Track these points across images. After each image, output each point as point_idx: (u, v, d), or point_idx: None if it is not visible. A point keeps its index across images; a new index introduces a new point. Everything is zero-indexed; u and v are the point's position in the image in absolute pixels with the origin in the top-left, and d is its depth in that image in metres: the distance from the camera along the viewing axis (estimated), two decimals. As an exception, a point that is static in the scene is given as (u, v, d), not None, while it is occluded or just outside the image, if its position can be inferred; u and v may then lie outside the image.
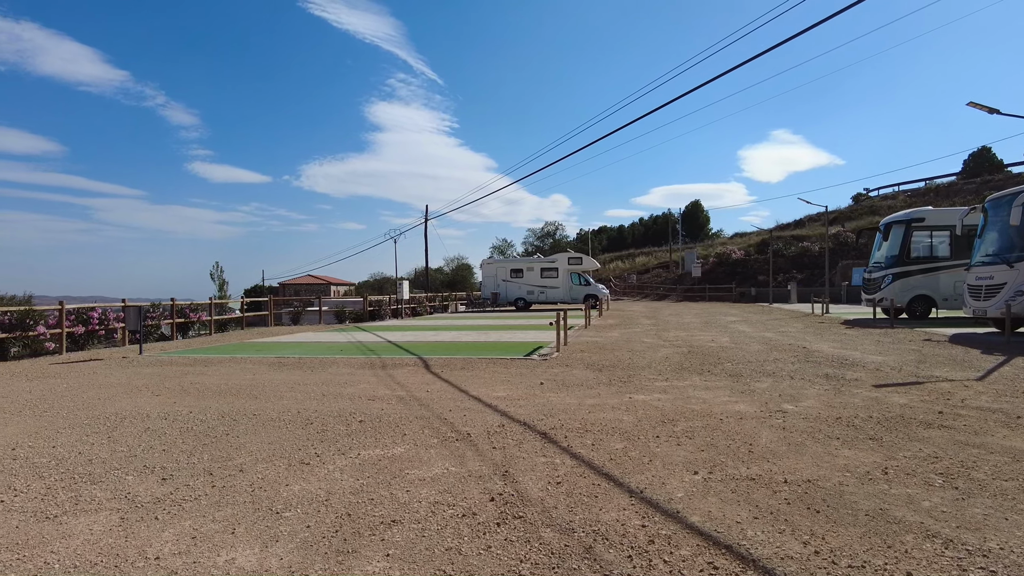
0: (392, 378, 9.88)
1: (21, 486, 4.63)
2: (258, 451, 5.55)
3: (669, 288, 56.43)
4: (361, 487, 4.49)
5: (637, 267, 69.23)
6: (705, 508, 3.92)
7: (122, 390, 9.11)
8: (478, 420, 6.62)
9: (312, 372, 10.80)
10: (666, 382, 8.97)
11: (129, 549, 3.45)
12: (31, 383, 10.14)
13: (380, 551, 3.38)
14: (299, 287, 70.27)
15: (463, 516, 3.87)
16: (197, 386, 9.38)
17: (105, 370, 11.73)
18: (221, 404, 7.83)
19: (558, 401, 7.65)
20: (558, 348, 13.32)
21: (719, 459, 5.02)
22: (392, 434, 6.09)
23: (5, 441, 6.05)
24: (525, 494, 4.25)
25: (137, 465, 5.12)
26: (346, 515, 3.92)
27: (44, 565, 3.28)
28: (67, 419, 7.04)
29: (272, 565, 3.22)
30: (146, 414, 7.24)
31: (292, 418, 6.93)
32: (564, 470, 4.80)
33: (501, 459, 5.12)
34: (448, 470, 4.85)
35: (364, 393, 8.49)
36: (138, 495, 4.38)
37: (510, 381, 9.31)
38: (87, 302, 19.65)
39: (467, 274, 73.59)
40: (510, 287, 38.32)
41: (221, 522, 3.84)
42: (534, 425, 6.33)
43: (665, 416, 6.67)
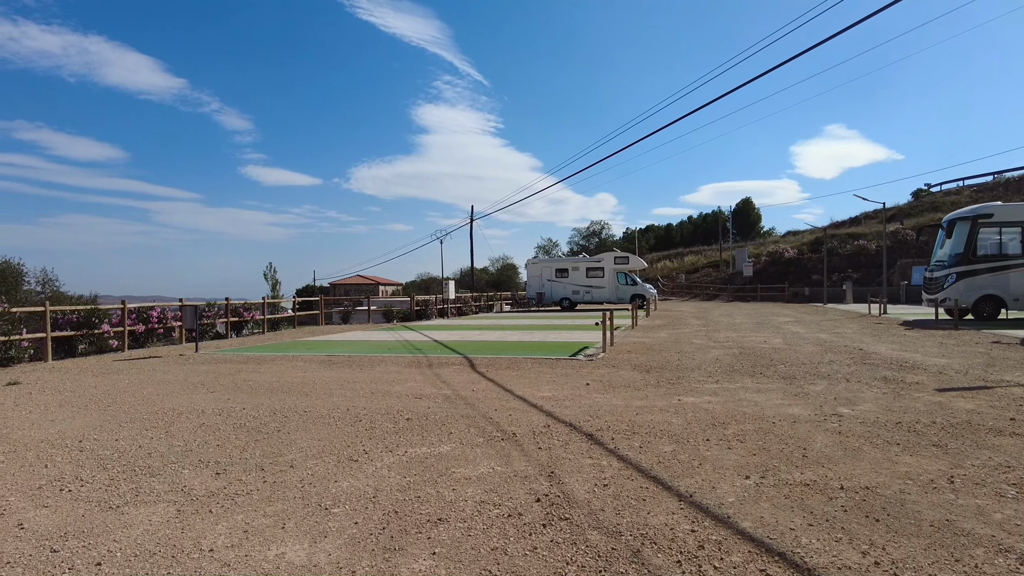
0: (438, 377, 9.96)
1: (87, 476, 4.84)
2: (308, 447, 5.66)
3: (719, 288, 55.34)
4: (408, 485, 4.53)
5: (686, 266, 68.10)
6: (757, 514, 3.81)
7: (179, 387, 9.45)
8: (523, 420, 6.60)
9: (361, 370, 10.98)
10: (716, 384, 8.78)
11: (185, 540, 3.55)
12: (96, 379, 10.60)
13: (426, 549, 3.40)
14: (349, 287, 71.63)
15: (509, 516, 3.86)
16: (250, 383, 9.65)
17: (163, 367, 12.18)
18: (273, 401, 8.03)
19: (604, 402, 7.57)
20: (604, 349, 13.19)
21: (771, 463, 4.88)
22: (438, 432, 6.13)
23: (74, 433, 6.33)
24: (571, 495, 4.21)
25: (193, 459, 5.29)
26: (393, 512, 3.96)
27: (107, 553, 3.40)
28: (128, 414, 7.34)
29: (320, 561, 3.27)
30: (201, 410, 7.48)
31: (341, 415, 7.05)
32: (611, 472, 4.74)
33: (547, 460, 5.09)
34: (494, 469, 4.85)
35: (411, 391, 8.58)
36: (193, 488, 4.52)
37: (555, 381, 9.26)
38: (147, 302, 20.46)
39: (512, 274, 73.69)
40: (555, 287, 38.15)
41: (272, 517, 3.92)
42: (580, 426, 6.28)
43: (715, 419, 6.53)
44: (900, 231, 46.65)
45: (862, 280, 43.99)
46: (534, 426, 6.30)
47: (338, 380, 9.78)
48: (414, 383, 9.35)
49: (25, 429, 6.58)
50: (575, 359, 11.98)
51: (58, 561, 3.32)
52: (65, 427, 6.64)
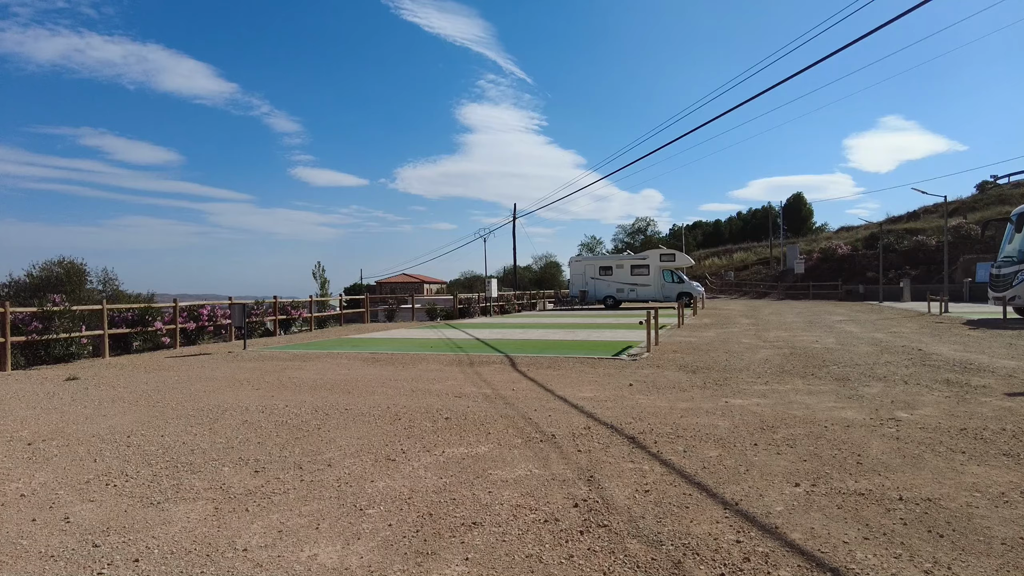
0: (479, 375, 9.91)
1: (132, 472, 4.93)
2: (347, 446, 5.67)
3: (769, 286, 53.95)
4: (444, 486, 4.46)
5: (734, 264, 66.63)
6: (807, 524, 3.60)
7: (225, 383, 9.64)
8: (563, 421, 6.48)
9: (403, 368, 11.02)
10: (765, 386, 8.47)
11: (220, 539, 3.56)
12: (148, 375, 10.92)
13: (459, 554, 3.32)
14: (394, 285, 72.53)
15: (545, 522, 3.75)
16: (295, 380, 9.78)
17: (212, 364, 12.48)
18: (315, 398, 8.10)
19: (648, 404, 7.38)
20: (649, 348, 12.93)
21: (824, 470, 4.63)
22: (477, 432, 6.06)
23: (123, 428, 6.50)
24: (611, 501, 4.07)
25: (233, 457, 5.35)
26: (428, 515, 3.89)
27: (145, 549, 3.43)
28: (175, 410, 7.50)
29: (352, 564, 3.22)
30: (246, 407, 7.60)
31: (381, 413, 7.06)
32: (653, 477, 4.58)
33: (586, 463, 4.96)
34: (531, 472, 4.75)
35: (451, 390, 8.55)
36: (232, 486, 4.55)
37: (597, 382, 9.10)
38: (201, 300, 21.09)
39: (555, 272, 73.46)
40: (599, 285, 37.74)
41: (307, 517, 3.91)
42: (622, 428, 6.12)
43: (764, 422, 6.27)
44: (963, 225, 44.56)
45: (921, 277, 42.18)
46: (574, 428, 6.17)
47: (380, 378, 9.83)
48: (454, 381, 9.32)
49: (79, 424, 6.79)
50: (618, 359, 11.77)
51: (98, 556, 3.36)
52: (116, 422, 6.83)
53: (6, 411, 7.60)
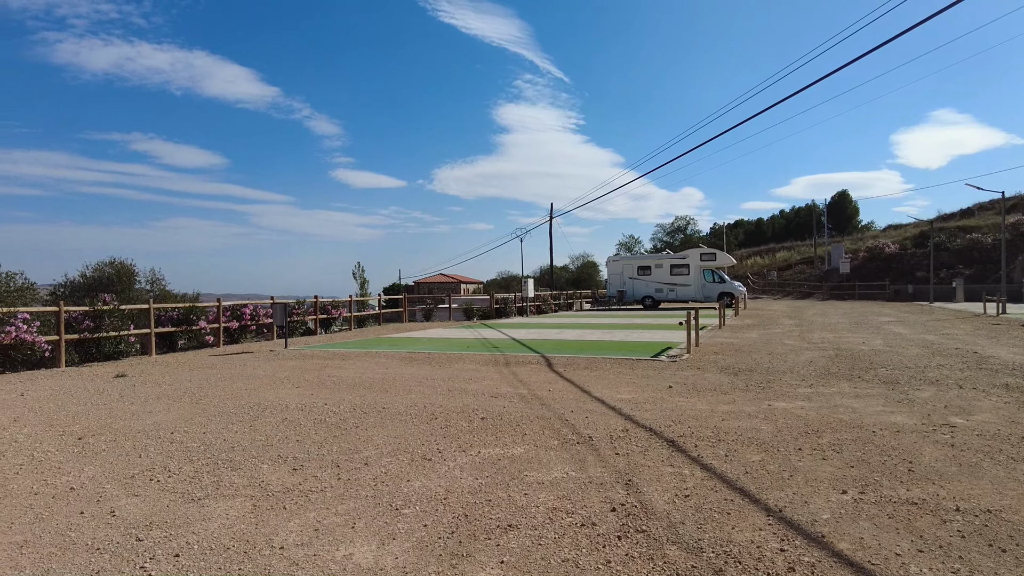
0: (515, 376, 9.86)
1: (175, 468, 5.03)
2: (384, 444, 5.68)
3: (813, 286, 52.62)
4: (479, 487, 4.43)
5: (777, 263, 65.17)
6: (856, 534, 3.45)
7: (266, 381, 9.81)
8: (600, 423, 6.39)
9: (440, 367, 11.05)
10: (810, 388, 8.22)
11: (258, 536, 3.59)
12: (192, 372, 11.19)
13: (495, 557, 3.27)
14: (432, 285, 73.05)
15: (582, 526, 3.68)
16: (334, 379, 9.89)
17: (254, 362, 12.73)
18: (354, 397, 8.17)
19: (688, 406, 7.23)
20: (689, 349, 12.70)
21: (872, 477, 4.45)
22: (512, 433, 6.01)
23: (167, 425, 6.65)
24: (649, 506, 3.98)
25: (272, 454, 5.41)
26: (463, 516, 3.87)
27: (185, 545, 3.49)
28: (217, 407, 7.65)
29: (387, 564, 3.21)
30: (285, 405, 7.70)
31: (418, 412, 7.07)
32: (693, 482, 4.47)
33: (624, 466, 4.87)
34: (568, 475, 4.68)
35: (487, 390, 8.52)
36: (270, 484, 4.59)
37: (636, 383, 8.97)
38: (244, 299, 21.56)
39: (592, 272, 72.87)
40: (637, 285, 37.30)
41: (343, 515, 3.92)
42: (661, 431, 6.00)
43: (809, 426, 6.08)
44: (1022, 223, 42.69)
45: (975, 277, 40.57)
46: (612, 430, 6.07)
47: (417, 377, 9.87)
48: (491, 381, 9.30)
49: (126, 420, 6.98)
50: (657, 360, 11.59)
51: (141, 550, 3.42)
52: (160, 419, 7.00)
53: (59, 406, 7.87)
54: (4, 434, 6.34)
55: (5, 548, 3.50)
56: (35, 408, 7.77)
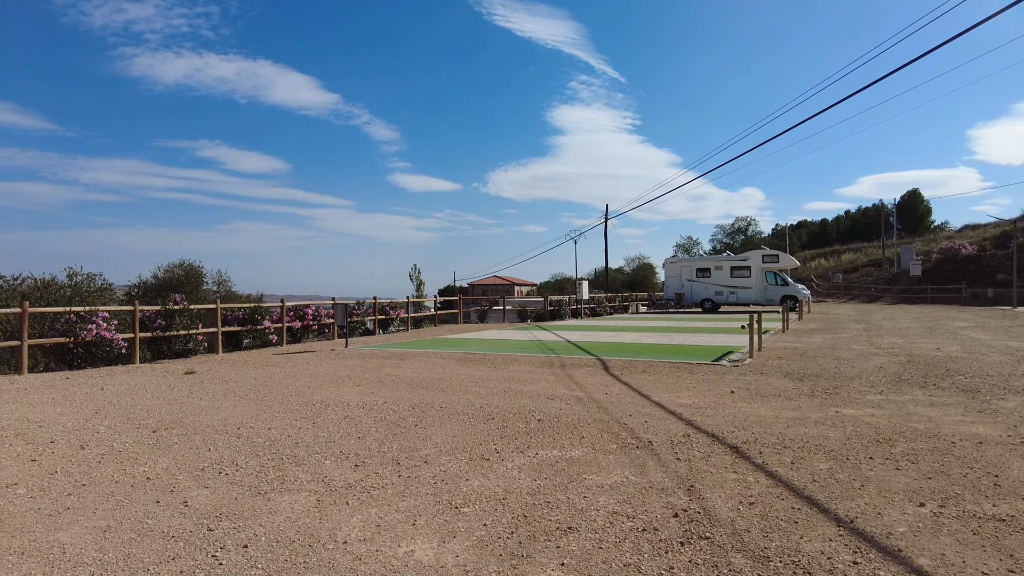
0: (571, 378, 9.80)
1: (242, 462, 5.20)
2: (442, 443, 5.73)
3: (882, 289, 50.46)
4: (538, 488, 4.41)
5: (843, 265, 62.84)
6: (936, 549, 3.27)
7: (328, 380, 10.04)
8: (660, 428, 6.27)
9: (495, 368, 11.08)
10: (880, 395, 7.87)
11: (322, 531, 3.67)
12: (257, 370, 11.57)
13: (555, 559, 3.25)
14: (486, 287, 73.54)
15: (643, 530, 3.61)
16: (392, 378, 10.05)
17: (316, 361, 13.06)
18: (412, 396, 8.28)
19: (751, 412, 7.03)
20: (751, 354, 12.35)
21: (953, 491, 4.21)
22: (570, 436, 5.97)
23: (234, 421, 6.89)
24: (713, 512, 3.88)
25: (335, 451, 5.53)
26: (522, 516, 3.85)
27: (253, 536, 3.59)
28: (281, 404, 7.87)
29: (448, 562, 3.22)
30: (346, 403, 7.87)
31: (475, 412, 7.11)
32: (758, 489, 4.33)
33: (686, 472, 4.76)
34: (628, 479, 4.61)
35: (543, 392, 8.49)
36: (333, 479, 4.69)
37: (696, 388, 8.77)
38: (305, 300, 22.21)
39: (649, 274, 71.84)
40: (696, 287, 36.52)
41: (404, 512, 3.96)
42: (723, 437, 5.84)
43: (880, 435, 5.81)
44: (1113, 223, 39.85)
45: (1062, 281, 38.05)
46: (672, 435, 5.95)
47: (473, 378, 9.93)
48: (546, 383, 9.27)
49: (196, 415, 7.26)
50: (718, 364, 11.32)
51: (212, 540, 3.54)
52: (227, 414, 7.25)
53: (135, 401, 8.25)
54: (87, 425, 6.69)
55: (91, 532, 3.69)
56: (114, 402, 8.17)
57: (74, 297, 16.01)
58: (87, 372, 11.80)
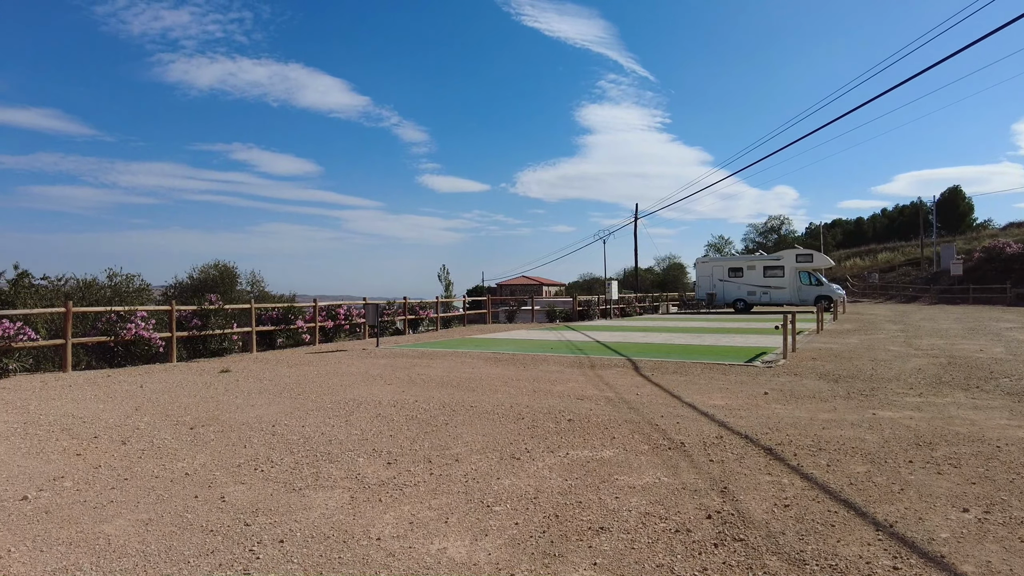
0: (600, 378, 9.76)
1: (277, 459, 5.29)
2: (473, 442, 5.76)
3: (920, 289, 49.19)
4: (569, 488, 4.40)
5: (879, 264, 61.41)
6: (982, 556, 3.18)
7: (360, 378, 10.16)
8: (692, 429, 6.20)
9: (524, 368, 11.09)
10: (919, 398, 7.68)
11: (356, 527, 3.71)
12: (290, 369, 11.75)
13: (587, 558, 3.24)
14: (514, 287, 73.60)
15: (676, 531, 3.58)
16: (423, 377, 10.12)
17: (348, 360, 13.21)
18: (442, 395, 8.33)
19: (785, 414, 6.92)
20: (785, 355, 12.15)
21: (999, 496, 4.09)
22: (601, 436, 5.94)
23: (269, 419, 7.01)
24: (747, 514, 3.83)
25: (367, 448, 5.59)
26: (554, 516, 3.85)
27: (289, 532, 3.65)
28: (315, 402, 7.98)
29: (480, 559, 3.23)
30: (378, 401, 7.95)
31: (505, 412, 7.12)
32: (793, 492, 4.26)
33: (719, 473, 4.71)
34: (660, 480, 4.57)
35: (573, 392, 8.47)
36: (366, 476, 4.75)
37: (728, 389, 8.66)
38: (336, 300, 22.50)
39: (679, 274, 71.13)
40: (728, 287, 36.03)
41: (436, 510, 3.99)
42: (757, 439, 5.76)
43: (920, 438, 5.67)
44: None
45: (1112, 280, 36.66)
46: (704, 436, 5.89)
47: (502, 377, 9.95)
48: (575, 383, 9.24)
49: (231, 412, 7.41)
50: (751, 365, 11.16)
51: (249, 534, 3.61)
52: (262, 412, 7.38)
53: (173, 398, 8.45)
54: (128, 421, 6.87)
55: (134, 524, 3.79)
56: (152, 399, 8.38)
57: (114, 297, 16.47)
58: (126, 370, 12.11)
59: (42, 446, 5.80)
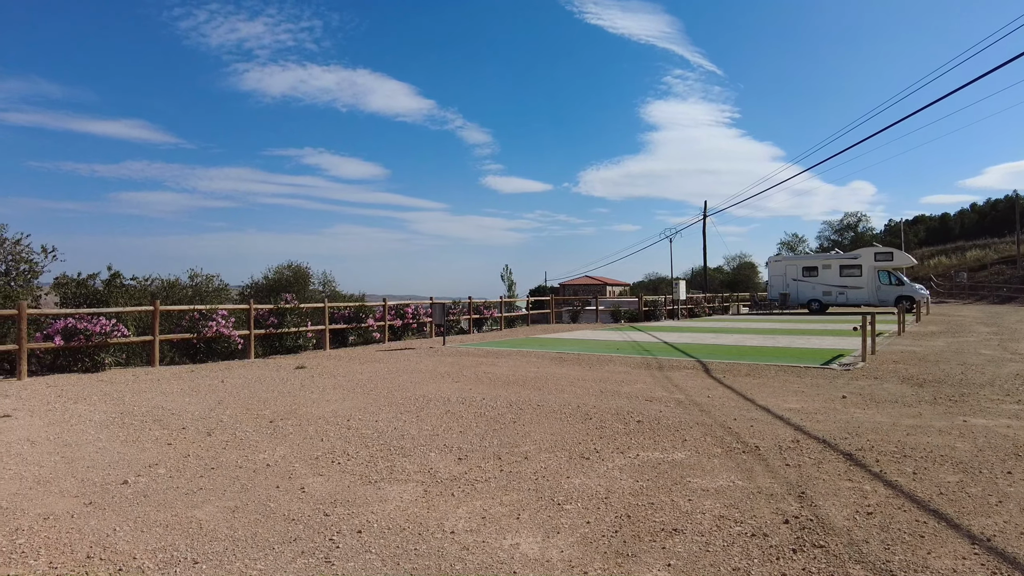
0: (669, 380, 9.60)
1: (352, 452, 5.46)
2: (541, 440, 5.78)
3: (1016, 289, 46.04)
4: (640, 489, 4.36)
5: (968, 263, 57.86)
6: (1092, 575, 2.96)
7: (428, 376, 10.35)
8: (767, 432, 6.03)
9: (590, 368, 11.03)
10: (1018, 405, 7.20)
11: (430, 520, 3.79)
12: (362, 366, 12.09)
13: (661, 560, 3.20)
14: (577, 287, 73.20)
15: (752, 536, 3.50)
16: (490, 375, 10.22)
17: (416, 357, 13.48)
18: (509, 393, 8.39)
19: (866, 418, 6.63)
20: (864, 357, 11.62)
21: (1110, 512, 3.80)
22: (671, 438, 5.85)
23: (343, 413, 7.24)
24: (827, 521, 3.69)
25: (439, 443, 5.70)
26: (626, 516, 3.82)
27: (366, 523, 3.77)
28: (387, 398, 8.19)
29: (552, 556, 3.25)
30: (447, 398, 8.08)
31: (572, 412, 7.11)
32: (876, 499, 4.08)
33: (796, 478, 4.56)
34: (734, 483, 4.46)
35: (641, 393, 8.37)
36: (439, 471, 4.84)
37: (804, 392, 8.36)
38: (403, 300, 22.99)
39: (750, 273, 69.06)
40: (802, 287, 34.69)
41: (508, 506, 4.03)
42: (835, 444, 5.54)
43: (1019, 448, 5.32)
44: None
45: None
46: (780, 440, 5.71)
47: (568, 377, 9.93)
48: (643, 385, 9.13)
49: (308, 407, 7.69)
50: (828, 368, 10.74)
51: (328, 524, 3.75)
52: (337, 407, 7.62)
53: (252, 393, 8.84)
54: (212, 415, 7.23)
55: (222, 511, 4.00)
56: (233, 393, 8.79)
57: (195, 296, 17.34)
58: (208, 365, 12.75)
59: (137, 435, 6.18)
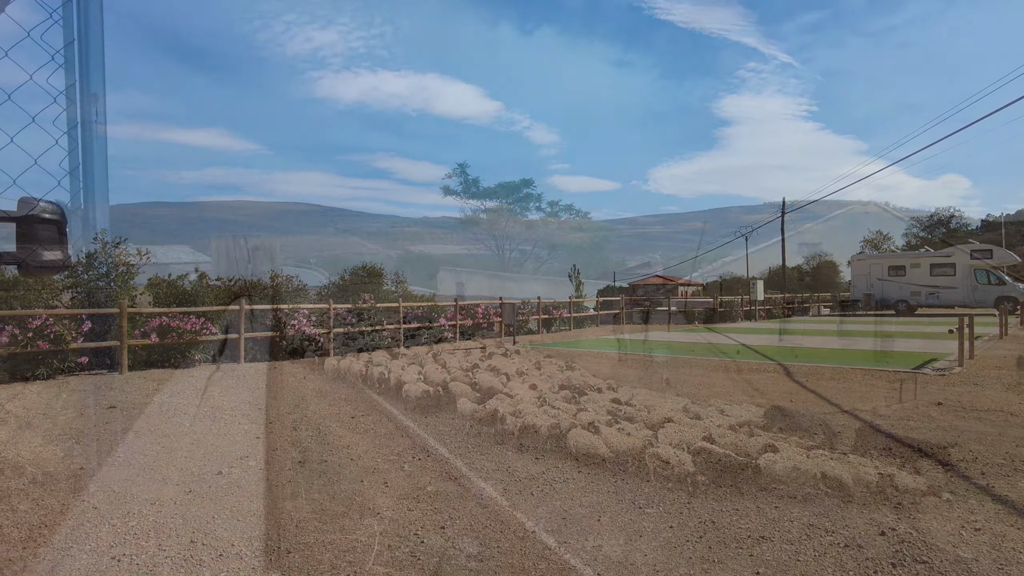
0: (748, 383, 9.31)
1: (431, 449, 5.56)
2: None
3: None
4: (724, 495, 4.25)
5: (1078, 262, 53.46)
6: None
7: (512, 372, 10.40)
8: (854, 438, 5.76)
9: (664, 370, 10.83)
10: None
11: (511, 519, 3.84)
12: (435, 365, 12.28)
13: (748, 566, 3.13)
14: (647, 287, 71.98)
15: (845, 546, 3.36)
16: (561, 375, 10.18)
17: (486, 357, 13.58)
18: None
19: (965, 427, 6.23)
20: (961, 362, 10.91)
21: None
22: (753, 442, 5.67)
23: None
24: (928, 535, 3.50)
25: (514, 443, 5.72)
26: (709, 522, 3.75)
27: (448, 519, 3.86)
28: (462, 397, 8.30)
29: (636, 560, 3.23)
30: (520, 397, 8.08)
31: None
32: (983, 514, 3.83)
33: (890, 488, 4.33)
34: (822, 491, 4.29)
35: (718, 395, 8.15)
36: (516, 470, 4.87)
37: (894, 397, 7.94)
38: (472, 300, 23.26)
39: (831, 273, 66.07)
40: (888, 287, 32.83)
41: (587, 507, 4.02)
42: (932, 452, 5.23)
43: None
44: None
45: None
46: (869, 447, 5.44)
47: (641, 379, 9.78)
48: (721, 387, 8.89)
49: (386, 406, 7.89)
50: (920, 372, 10.16)
51: (412, 519, 3.84)
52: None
53: (333, 388, 9.14)
54: (296, 410, 7.54)
55: (309, 504, 4.16)
56: (314, 390, 9.12)
57: (275, 296, 18.10)
58: (289, 363, 13.26)
59: (228, 428, 6.50)
